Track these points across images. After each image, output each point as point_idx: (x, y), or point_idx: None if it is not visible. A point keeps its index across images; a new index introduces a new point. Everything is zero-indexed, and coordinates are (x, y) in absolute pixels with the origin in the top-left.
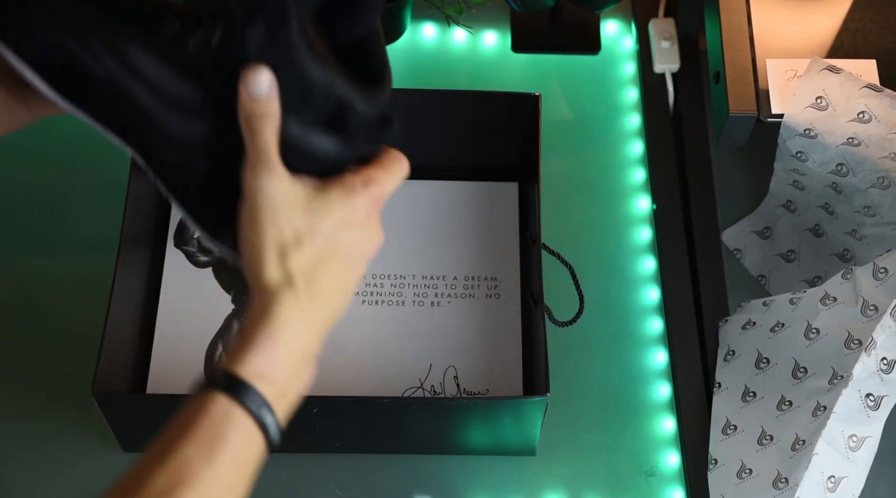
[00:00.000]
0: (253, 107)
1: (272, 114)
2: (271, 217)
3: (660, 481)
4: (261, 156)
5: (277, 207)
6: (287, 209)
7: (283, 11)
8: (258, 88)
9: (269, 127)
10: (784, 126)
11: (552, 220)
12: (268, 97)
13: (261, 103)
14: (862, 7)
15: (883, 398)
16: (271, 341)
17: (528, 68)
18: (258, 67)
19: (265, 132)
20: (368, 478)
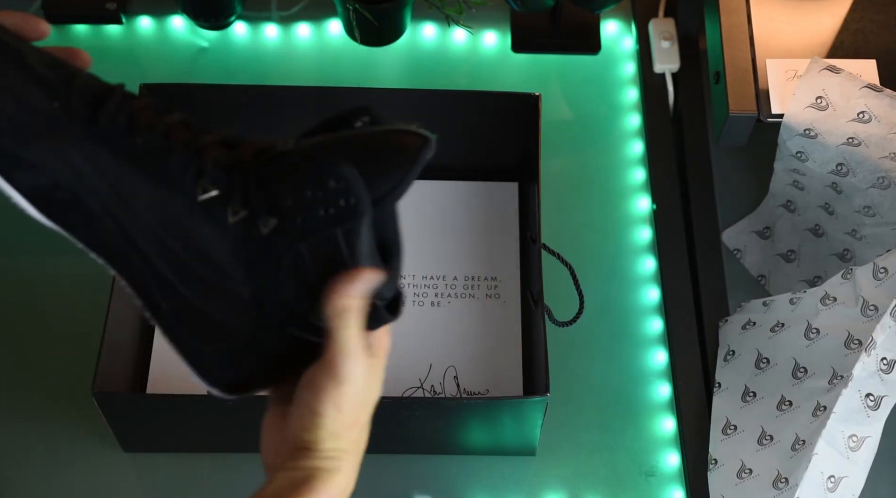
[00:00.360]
0: (349, 303)
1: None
2: (357, 398)
3: (660, 481)
4: (350, 346)
5: (358, 393)
6: (360, 392)
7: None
8: (361, 288)
9: (358, 318)
10: (784, 126)
11: (552, 220)
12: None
13: (357, 299)
14: (862, 7)
15: (883, 398)
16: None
17: (528, 68)
18: (367, 270)
19: (355, 324)
20: (368, 478)
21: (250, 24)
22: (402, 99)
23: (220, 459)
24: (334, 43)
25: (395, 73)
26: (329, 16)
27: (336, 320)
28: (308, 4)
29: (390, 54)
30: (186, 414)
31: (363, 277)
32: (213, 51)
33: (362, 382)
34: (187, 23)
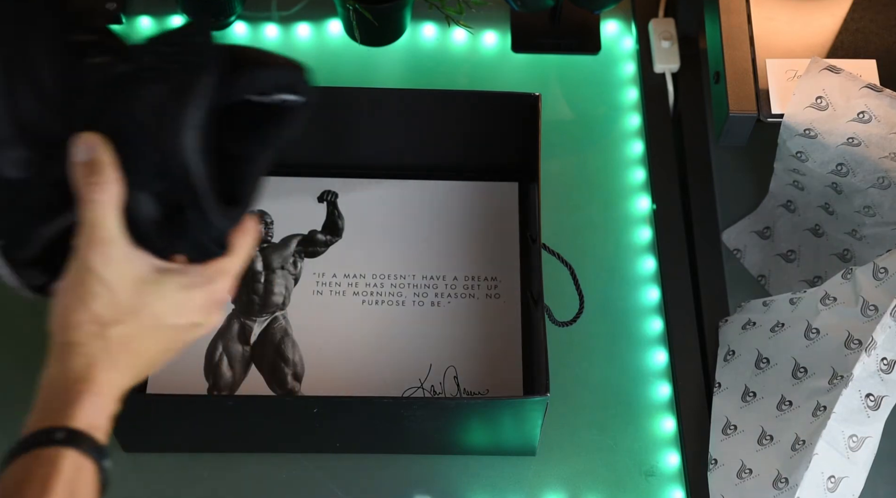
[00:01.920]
0: (83, 172)
1: (106, 183)
2: (98, 293)
3: (660, 481)
4: (94, 229)
5: (106, 284)
6: (116, 287)
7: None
8: (84, 152)
9: (103, 197)
10: (784, 126)
11: (552, 220)
12: (100, 166)
13: (91, 169)
14: (862, 7)
15: (883, 398)
16: (97, 395)
17: (528, 68)
18: (83, 133)
19: (98, 203)
20: (368, 478)
21: (250, 24)
22: (403, 99)
23: (220, 459)
24: (334, 43)
25: (395, 73)
26: (329, 16)
27: (76, 194)
28: (308, 4)
29: (390, 54)
30: (186, 414)
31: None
32: None
33: (111, 277)
34: None
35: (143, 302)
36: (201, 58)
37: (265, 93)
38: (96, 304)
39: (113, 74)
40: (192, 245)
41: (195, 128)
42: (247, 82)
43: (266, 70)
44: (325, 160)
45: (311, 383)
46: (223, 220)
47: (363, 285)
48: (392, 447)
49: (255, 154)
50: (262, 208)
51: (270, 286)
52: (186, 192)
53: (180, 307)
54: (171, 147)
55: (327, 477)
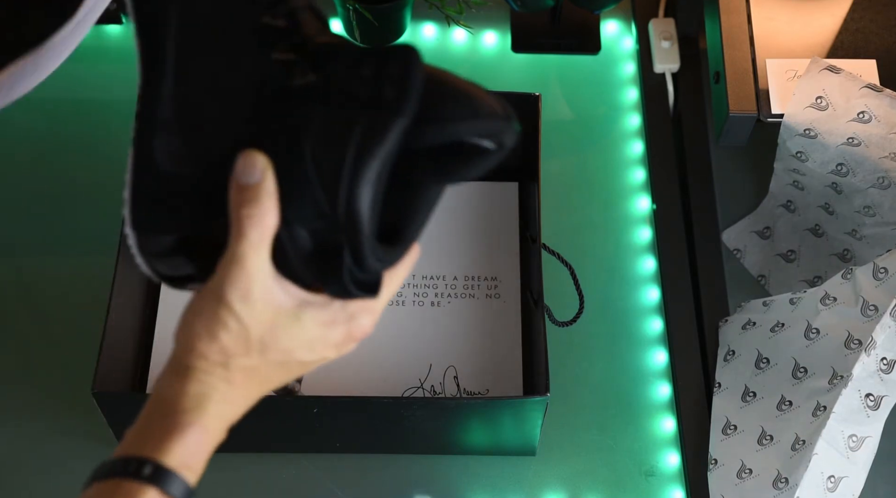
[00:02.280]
0: (241, 196)
1: (262, 217)
2: (230, 327)
3: (660, 481)
4: (238, 264)
5: (240, 320)
6: (249, 324)
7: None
8: (248, 176)
9: (254, 234)
10: (784, 126)
11: (552, 220)
12: (260, 197)
13: (250, 197)
14: (862, 7)
15: (883, 398)
16: (202, 431)
17: (528, 68)
18: (253, 152)
19: (247, 239)
20: (368, 478)
21: None
22: None
23: (220, 459)
24: None
25: None
26: (329, 16)
27: (231, 215)
28: None
29: None
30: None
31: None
32: None
33: (248, 314)
34: None
35: (276, 338)
36: (401, 98)
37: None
38: (226, 337)
39: (297, 84)
40: (341, 287)
41: (372, 182)
42: (446, 130)
43: (469, 122)
44: None
45: (311, 383)
46: (380, 264)
47: None
48: (392, 447)
49: (428, 189)
50: None
51: None
52: (350, 242)
53: (315, 343)
54: (343, 197)
55: (327, 477)
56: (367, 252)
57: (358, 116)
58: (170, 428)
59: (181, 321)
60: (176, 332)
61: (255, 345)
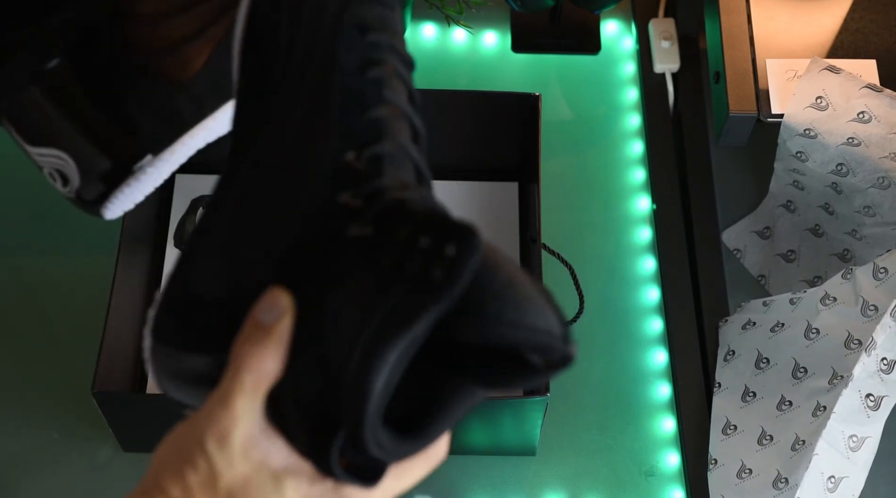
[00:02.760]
0: (251, 332)
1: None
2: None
3: (660, 481)
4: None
5: (212, 465)
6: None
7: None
8: (266, 314)
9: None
10: (784, 126)
11: (552, 220)
12: (269, 335)
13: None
14: (862, 7)
15: (883, 398)
16: None
17: (528, 68)
18: (280, 292)
19: (241, 385)
20: None
21: None
22: None
23: None
24: None
25: None
26: None
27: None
28: None
29: None
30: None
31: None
32: None
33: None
34: None
35: (246, 496)
36: (446, 284)
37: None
38: (192, 478)
39: (352, 234)
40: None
41: (388, 360)
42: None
43: (520, 330)
44: None
45: None
46: (380, 451)
47: None
48: None
49: (464, 391)
50: None
51: None
52: (346, 413)
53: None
54: (354, 365)
55: None
56: (366, 432)
57: (397, 288)
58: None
59: (160, 445)
60: (154, 453)
61: (222, 495)
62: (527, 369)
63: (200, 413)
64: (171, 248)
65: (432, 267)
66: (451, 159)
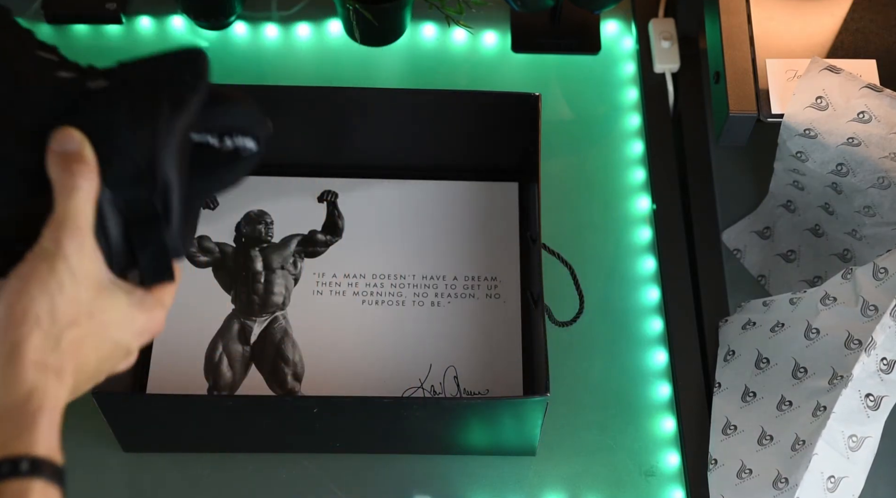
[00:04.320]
0: (64, 160)
1: (89, 173)
2: (65, 284)
3: (660, 481)
4: (74, 217)
5: (74, 276)
6: (81, 282)
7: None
8: (68, 144)
9: (85, 185)
10: (784, 126)
11: (552, 220)
12: (82, 156)
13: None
14: (862, 7)
15: (883, 398)
16: (51, 413)
17: (528, 68)
18: (66, 127)
19: (80, 190)
20: (368, 478)
21: (250, 24)
22: (403, 99)
23: (220, 459)
24: (334, 43)
25: (395, 73)
26: (329, 16)
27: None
28: (308, 4)
29: (390, 54)
30: (186, 414)
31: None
32: (213, 51)
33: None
34: (187, 23)
35: (99, 307)
36: (197, 78)
37: (222, 133)
38: (60, 296)
39: (92, 87)
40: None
41: (177, 146)
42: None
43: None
44: (325, 160)
45: (311, 383)
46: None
47: (363, 285)
48: (392, 447)
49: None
50: (262, 208)
51: (270, 286)
52: (158, 203)
53: (124, 323)
54: (153, 154)
55: (327, 477)
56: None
57: (162, 92)
58: (25, 420)
59: (5, 295)
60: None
61: (84, 308)
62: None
63: (46, 237)
64: None
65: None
66: (451, 159)
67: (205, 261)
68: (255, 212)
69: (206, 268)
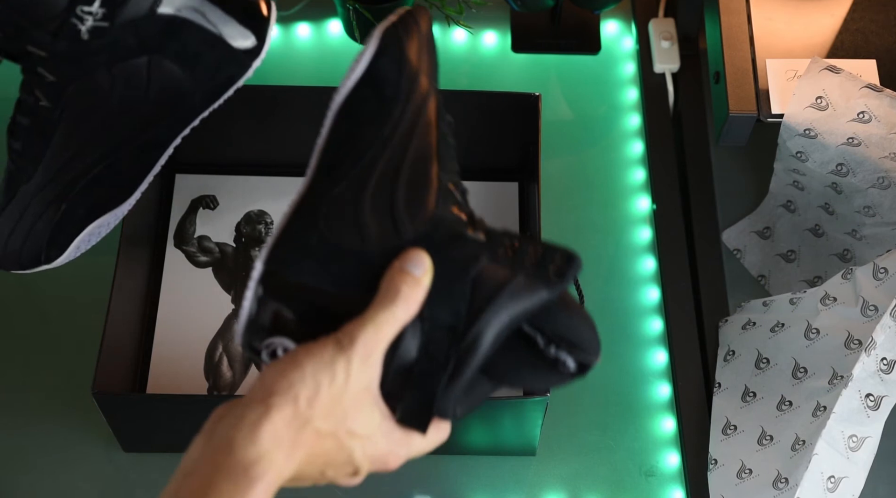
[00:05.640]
0: (402, 276)
1: (413, 304)
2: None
3: (660, 481)
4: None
5: (349, 379)
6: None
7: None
8: (415, 268)
9: (400, 313)
10: (784, 126)
11: (552, 220)
12: (420, 282)
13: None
14: (862, 7)
15: (883, 398)
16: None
17: (528, 68)
18: (423, 252)
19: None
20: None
21: None
22: None
23: None
24: (334, 43)
25: None
26: (329, 16)
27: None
28: (308, 4)
29: None
30: (186, 414)
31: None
32: None
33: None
34: None
35: (354, 416)
36: (558, 278)
37: (552, 338)
38: (326, 389)
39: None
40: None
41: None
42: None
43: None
44: None
45: None
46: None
47: None
48: None
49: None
50: (261, 208)
51: None
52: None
53: (367, 442)
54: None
55: None
56: (468, 374)
57: (519, 273)
58: (244, 482)
59: (282, 362)
60: (267, 371)
61: (339, 409)
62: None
63: (344, 331)
64: (171, 248)
65: (548, 265)
66: None
67: (205, 261)
68: (255, 212)
69: (207, 268)
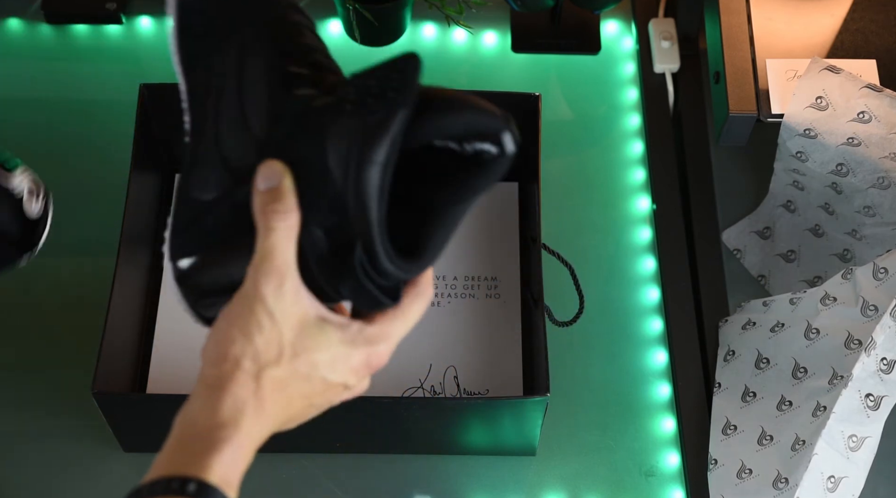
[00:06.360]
0: (264, 199)
1: (286, 212)
2: (264, 326)
3: (660, 481)
4: (270, 257)
5: (273, 318)
6: (282, 323)
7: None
8: (269, 180)
9: (282, 225)
10: (784, 126)
11: (552, 220)
12: (282, 194)
13: (274, 196)
14: (862, 7)
15: (883, 398)
16: (237, 448)
17: (528, 68)
18: (270, 160)
19: (276, 231)
20: (368, 478)
21: None
22: None
23: None
24: (334, 43)
25: None
26: (329, 16)
27: (257, 220)
28: (308, 4)
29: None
30: None
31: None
32: None
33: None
34: None
35: (304, 346)
36: (400, 94)
37: (459, 139)
38: (260, 338)
39: (312, 107)
40: (358, 291)
41: (380, 164)
42: (440, 124)
43: (460, 113)
44: None
45: None
46: (395, 269)
47: None
48: (392, 447)
49: (442, 206)
50: None
51: None
52: (360, 231)
53: (336, 362)
54: (351, 180)
55: (327, 477)
56: (377, 241)
57: (364, 115)
58: (207, 445)
59: (211, 335)
60: (204, 348)
61: (287, 349)
62: (487, 162)
63: (246, 282)
64: None
65: (387, 90)
66: None
67: None
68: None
69: None
